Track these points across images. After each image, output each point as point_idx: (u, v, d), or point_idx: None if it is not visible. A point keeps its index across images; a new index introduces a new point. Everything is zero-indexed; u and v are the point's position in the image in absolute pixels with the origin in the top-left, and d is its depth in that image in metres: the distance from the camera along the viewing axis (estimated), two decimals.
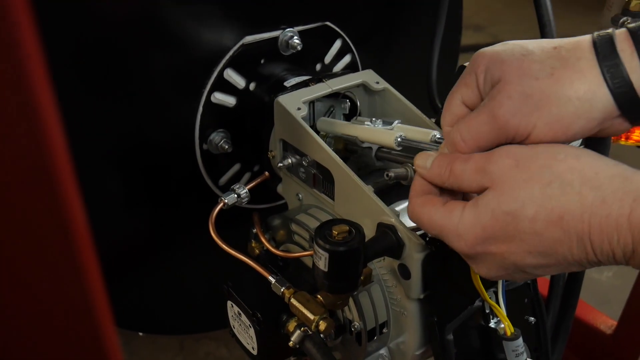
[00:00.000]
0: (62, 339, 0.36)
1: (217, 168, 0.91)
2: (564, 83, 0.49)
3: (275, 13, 0.88)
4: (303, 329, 0.68)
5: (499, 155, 0.50)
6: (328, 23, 0.94)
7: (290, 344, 0.69)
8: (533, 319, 0.72)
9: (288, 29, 0.88)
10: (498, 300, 0.65)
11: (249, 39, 0.86)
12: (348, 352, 0.75)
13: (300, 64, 0.92)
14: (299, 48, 0.89)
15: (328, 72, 0.96)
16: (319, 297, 0.67)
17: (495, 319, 0.67)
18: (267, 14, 0.88)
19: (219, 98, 0.86)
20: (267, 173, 0.87)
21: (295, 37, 0.88)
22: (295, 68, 0.91)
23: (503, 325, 0.65)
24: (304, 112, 0.76)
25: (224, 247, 0.75)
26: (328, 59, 0.97)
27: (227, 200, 0.79)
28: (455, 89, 0.56)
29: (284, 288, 0.69)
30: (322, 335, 0.67)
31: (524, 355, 0.65)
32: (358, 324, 0.70)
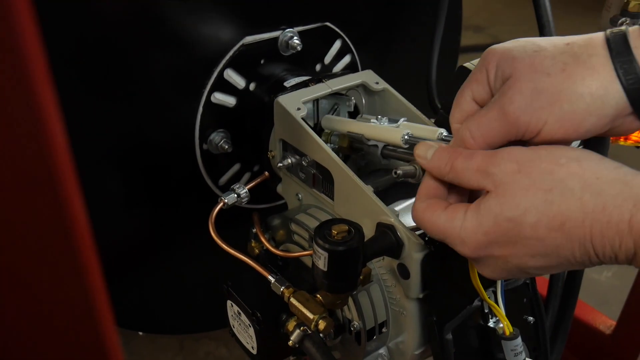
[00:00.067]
0: (63, 339, 0.36)
1: (217, 168, 0.91)
2: (576, 79, 0.49)
3: (275, 13, 0.89)
4: (302, 329, 0.68)
5: (502, 158, 0.50)
6: (328, 23, 0.94)
7: (290, 344, 0.69)
8: (532, 319, 0.73)
9: (288, 30, 0.89)
10: (497, 300, 0.65)
11: (249, 39, 0.86)
12: (347, 351, 0.75)
13: (300, 65, 0.92)
14: (299, 48, 0.89)
15: (328, 72, 0.96)
16: (319, 296, 0.67)
17: (494, 319, 0.67)
18: (267, 15, 0.88)
19: (219, 98, 0.87)
20: (266, 173, 0.87)
21: (295, 37, 0.88)
22: (295, 68, 0.91)
23: (502, 325, 0.65)
24: (304, 112, 0.76)
25: (224, 246, 0.75)
26: (328, 60, 0.97)
27: (227, 200, 0.79)
28: (466, 86, 0.56)
29: (284, 287, 0.69)
30: (321, 335, 0.67)
31: (523, 355, 0.65)
32: (357, 324, 0.70)
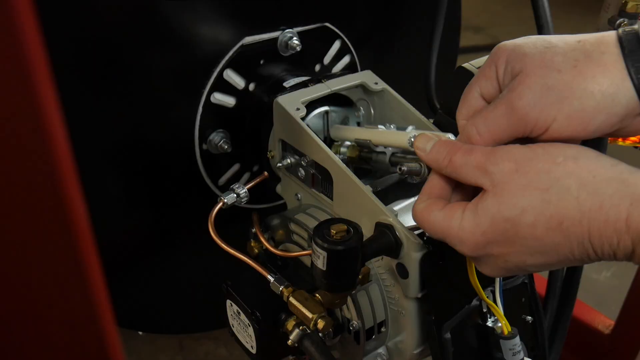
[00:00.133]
0: (64, 338, 0.36)
1: (216, 168, 0.91)
2: (587, 76, 0.48)
3: (275, 14, 0.89)
4: (301, 328, 0.68)
5: (501, 157, 0.50)
6: (327, 24, 0.95)
7: (289, 343, 0.69)
8: (530, 318, 0.73)
9: (287, 30, 0.89)
10: (495, 299, 0.65)
11: (249, 40, 0.86)
12: (346, 351, 0.75)
13: (300, 65, 0.92)
14: (298, 49, 0.89)
15: (327, 72, 0.96)
16: (317, 295, 0.67)
17: (493, 318, 0.67)
18: (266, 15, 0.88)
19: (219, 98, 0.87)
20: (266, 173, 0.87)
21: (295, 38, 0.89)
22: (295, 69, 0.91)
23: (500, 324, 0.65)
24: (303, 112, 0.76)
25: (223, 246, 0.76)
26: (327, 60, 0.98)
27: (226, 200, 0.79)
28: (474, 81, 0.55)
29: (283, 287, 0.70)
30: (320, 334, 0.68)
31: (521, 354, 0.65)
32: (356, 323, 0.70)
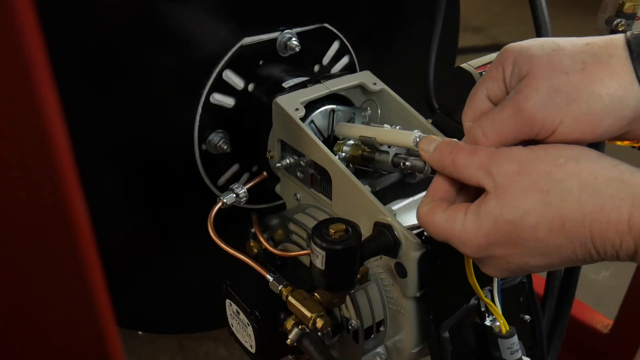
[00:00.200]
0: (64, 338, 0.36)
1: (216, 168, 0.92)
2: (595, 79, 0.48)
3: (274, 15, 0.89)
4: (300, 327, 0.69)
5: (504, 158, 0.50)
6: (326, 25, 0.95)
7: (288, 342, 0.69)
8: (529, 317, 0.73)
9: (286, 31, 0.89)
10: (493, 299, 0.65)
11: (248, 41, 0.86)
12: (345, 350, 0.75)
13: (299, 66, 0.93)
14: (297, 49, 0.89)
15: (326, 73, 0.96)
16: (316, 295, 0.67)
17: (491, 317, 0.67)
18: (265, 16, 0.88)
19: (218, 99, 0.87)
20: (265, 173, 0.87)
21: (294, 38, 0.89)
22: (294, 69, 0.91)
23: (498, 323, 0.65)
24: (302, 112, 0.77)
25: (223, 246, 0.76)
26: (326, 61, 0.98)
27: (225, 200, 0.80)
28: (480, 83, 0.55)
29: (282, 286, 0.70)
30: (319, 333, 0.68)
31: (519, 353, 0.65)
32: (355, 322, 0.70)
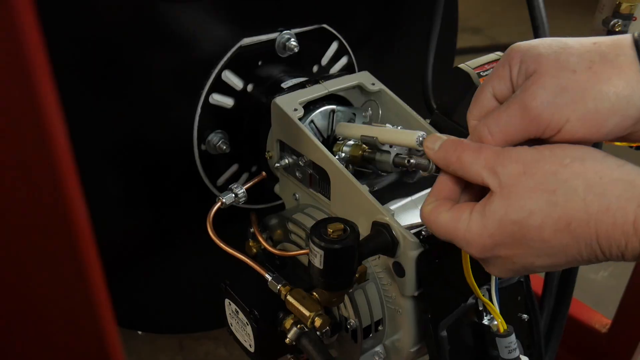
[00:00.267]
0: (64, 338, 0.36)
1: (215, 168, 0.92)
2: (602, 78, 0.48)
3: (273, 15, 0.89)
4: (299, 326, 0.69)
5: (509, 158, 0.50)
6: (325, 25, 0.95)
7: (287, 341, 0.69)
8: (526, 317, 0.73)
9: (285, 31, 0.89)
10: (491, 298, 0.66)
11: (247, 41, 0.87)
12: (344, 349, 0.76)
13: (297, 66, 0.93)
14: (296, 50, 0.89)
15: (325, 73, 0.96)
16: (315, 294, 0.68)
17: (489, 316, 0.67)
18: (264, 16, 0.89)
19: (217, 99, 0.87)
20: (264, 173, 0.87)
21: (293, 39, 0.89)
22: (292, 70, 0.92)
23: (496, 322, 0.66)
24: (301, 113, 0.77)
25: (222, 246, 0.76)
26: (325, 61, 0.98)
27: (224, 200, 0.80)
28: (487, 81, 0.55)
29: (280, 285, 0.70)
30: (317, 332, 0.68)
31: (517, 352, 0.66)
32: (354, 322, 0.70)
